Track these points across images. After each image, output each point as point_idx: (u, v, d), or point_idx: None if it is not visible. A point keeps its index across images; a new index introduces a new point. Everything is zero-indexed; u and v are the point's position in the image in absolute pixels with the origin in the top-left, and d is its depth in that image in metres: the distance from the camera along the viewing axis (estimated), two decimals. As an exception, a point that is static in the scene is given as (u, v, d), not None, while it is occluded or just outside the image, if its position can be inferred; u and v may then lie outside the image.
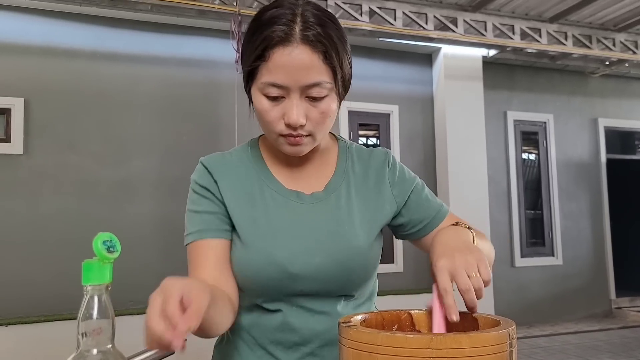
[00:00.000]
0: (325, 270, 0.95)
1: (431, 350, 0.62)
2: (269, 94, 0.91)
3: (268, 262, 0.93)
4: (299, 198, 1.00)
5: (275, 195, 1.00)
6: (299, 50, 0.88)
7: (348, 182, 1.05)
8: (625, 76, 7.23)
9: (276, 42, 0.88)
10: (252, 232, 0.96)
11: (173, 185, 4.79)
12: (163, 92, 5.01)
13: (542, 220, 6.73)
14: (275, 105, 0.91)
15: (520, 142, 6.69)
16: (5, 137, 4.50)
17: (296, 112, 0.90)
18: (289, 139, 0.94)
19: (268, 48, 0.88)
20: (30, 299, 4.37)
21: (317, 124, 0.93)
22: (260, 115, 0.94)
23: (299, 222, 0.98)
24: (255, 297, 0.98)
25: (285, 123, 0.91)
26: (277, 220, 0.97)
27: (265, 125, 0.95)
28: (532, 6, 5.32)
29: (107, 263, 0.68)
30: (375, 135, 5.95)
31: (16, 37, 4.61)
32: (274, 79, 0.89)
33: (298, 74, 0.88)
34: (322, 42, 0.89)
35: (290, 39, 0.88)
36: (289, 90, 0.90)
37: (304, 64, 0.88)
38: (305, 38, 0.88)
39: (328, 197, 1.02)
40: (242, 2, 4.48)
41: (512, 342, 0.67)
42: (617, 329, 6.25)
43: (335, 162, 1.07)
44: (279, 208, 0.99)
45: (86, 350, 0.67)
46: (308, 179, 1.03)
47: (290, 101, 0.90)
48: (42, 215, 4.53)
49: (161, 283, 0.67)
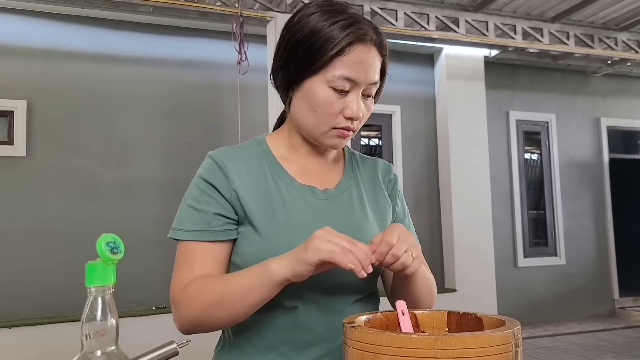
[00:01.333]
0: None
1: (436, 350, 0.62)
2: (339, 87, 0.95)
3: None
4: (313, 193, 1.02)
5: (291, 189, 1.01)
6: (373, 51, 0.97)
7: (357, 183, 1.09)
8: (627, 75, 7.22)
9: (358, 40, 0.95)
10: (271, 225, 0.96)
11: (176, 186, 4.79)
12: (165, 94, 5.01)
13: (545, 220, 6.72)
14: (340, 98, 0.96)
15: (522, 142, 6.68)
16: (8, 140, 4.51)
17: (360, 106, 0.98)
18: (342, 131, 0.99)
19: (352, 43, 0.94)
20: (33, 301, 4.37)
21: (362, 121, 1.01)
22: (322, 106, 0.97)
23: (318, 217, 0.99)
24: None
25: (346, 116, 0.97)
26: (295, 213, 0.98)
27: (322, 117, 0.97)
28: (534, 6, 5.31)
29: (111, 264, 0.68)
30: (378, 136, 5.94)
31: (19, 40, 4.62)
32: (350, 73, 0.95)
33: (369, 72, 0.97)
34: (384, 48, 1.01)
35: (367, 39, 0.96)
36: (356, 86, 0.96)
37: (374, 64, 0.98)
38: (376, 42, 0.98)
39: (341, 194, 1.05)
40: (243, 4, 4.48)
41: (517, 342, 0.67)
42: (620, 328, 6.24)
43: (343, 163, 1.11)
44: (296, 202, 0.99)
45: (90, 352, 0.67)
46: (319, 177, 1.06)
47: (354, 96, 0.97)
48: (45, 218, 4.54)
49: (321, 233, 0.84)
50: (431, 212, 5.93)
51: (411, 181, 5.88)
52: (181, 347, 0.80)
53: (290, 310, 0.96)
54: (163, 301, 4.52)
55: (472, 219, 5.74)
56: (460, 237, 5.71)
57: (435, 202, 5.96)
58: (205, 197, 0.98)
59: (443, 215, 5.89)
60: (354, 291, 1.00)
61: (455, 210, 5.69)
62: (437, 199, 5.97)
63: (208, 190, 0.98)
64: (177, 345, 0.79)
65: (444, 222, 5.89)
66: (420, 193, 5.90)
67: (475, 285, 5.69)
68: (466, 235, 5.71)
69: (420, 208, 5.83)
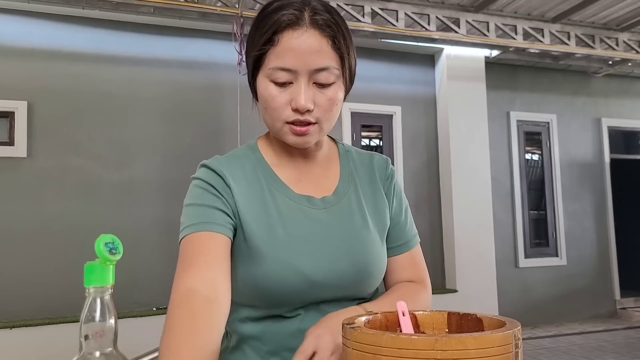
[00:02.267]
0: (347, 276, 0.94)
1: (436, 351, 0.61)
2: (277, 79, 0.89)
3: (292, 272, 0.90)
4: (310, 203, 0.98)
5: (287, 201, 0.96)
6: (309, 34, 0.88)
7: (355, 187, 1.04)
8: (628, 76, 7.21)
9: (285, 26, 0.87)
10: (271, 242, 0.92)
11: (176, 187, 4.79)
12: (166, 95, 5.01)
13: (546, 220, 6.72)
14: (283, 91, 0.90)
15: (523, 143, 6.67)
16: (8, 140, 4.51)
17: (304, 96, 0.88)
18: (294, 127, 0.91)
19: (277, 32, 0.88)
20: (34, 302, 4.37)
21: (324, 112, 0.91)
22: (267, 102, 0.91)
23: (317, 229, 0.95)
24: (274, 307, 0.93)
25: (292, 108, 0.89)
26: (294, 227, 0.94)
27: (271, 112, 0.92)
28: (535, 6, 5.31)
29: (110, 265, 0.68)
30: (378, 136, 5.94)
31: (19, 41, 4.62)
32: (283, 63, 0.88)
33: (307, 58, 0.87)
34: (331, 27, 0.89)
35: (300, 22, 0.88)
36: (297, 75, 0.88)
37: (313, 48, 0.87)
38: (314, 22, 0.88)
39: (339, 201, 1.00)
40: (244, 4, 4.48)
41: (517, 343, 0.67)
42: (621, 329, 6.23)
43: (338, 166, 1.06)
44: (294, 214, 0.95)
45: (89, 353, 0.66)
46: (315, 183, 1.01)
47: (298, 86, 0.89)
48: (46, 218, 4.54)
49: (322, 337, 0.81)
50: (432, 213, 5.92)
51: (412, 182, 5.88)
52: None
53: (294, 317, 0.94)
54: (163, 302, 4.51)
55: (473, 220, 5.74)
56: (461, 238, 5.70)
57: (436, 202, 5.96)
58: (207, 194, 0.93)
59: (444, 215, 5.89)
60: (356, 295, 0.98)
61: (456, 210, 5.69)
62: (437, 199, 5.96)
63: (211, 190, 0.94)
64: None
65: (444, 223, 5.88)
66: (420, 193, 5.90)
67: (476, 286, 5.69)
68: (467, 236, 5.71)
69: (421, 208, 5.82)
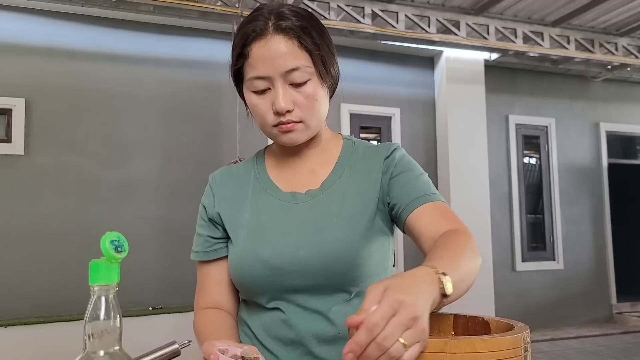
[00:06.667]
0: (311, 263, 0.95)
1: (445, 354, 0.61)
2: (256, 88, 0.96)
3: (254, 259, 0.97)
4: (294, 198, 1.03)
5: (271, 199, 1.03)
6: (274, 40, 0.93)
7: (346, 177, 1.03)
8: (627, 81, 7.23)
9: (252, 38, 0.94)
10: (243, 235, 1.01)
11: (174, 187, 4.78)
12: (165, 94, 5.00)
13: (543, 224, 6.72)
14: (264, 98, 0.96)
15: (521, 146, 6.68)
16: (6, 138, 4.49)
17: (282, 98, 0.94)
18: (281, 127, 0.97)
19: (246, 45, 0.95)
20: (29, 300, 4.35)
21: (305, 109, 0.96)
22: (253, 111, 0.99)
23: (288, 220, 1.00)
24: (254, 295, 1.01)
25: (273, 111, 0.95)
26: (267, 221, 1.01)
27: (259, 120, 0.99)
28: (535, 10, 5.32)
29: (115, 263, 0.67)
30: (377, 138, 5.94)
31: (18, 38, 4.60)
32: (257, 72, 0.94)
33: (276, 62, 0.93)
34: (294, 28, 0.94)
35: (264, 32, 0.94)
36: (272, 80, 0.94)
37: (280, 52, 0.93)
38: (277, 27, 0.94)
39: (322, 193, 1.02)
40: (244, 4, 4.47)
41: (526, 346, 0.66)
42: (618, 334, 6.23)
43: (336, 160, 1.07)
44: (273, 210, 1.02)
45: (93, 352, 0.66)
46: (306, 178, 1.05)
47: (275, 90, 0.95)
48: (43, 216, 4.51)
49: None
50: (430, 215, 5.91)
51: (410, 184, 5.87)
52: (183, 348, 0.80)
53: (274, 310, 0.99)
54: (160, 302, 4.49)
55: (470, 223, 5.64)
56: (458, 241, 5.69)
57: (434, 205, 5.94)
58: (201, 221, 1.08)
59: (442, 218, 5.87)
60: (334, 291, 0.97)
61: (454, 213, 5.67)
62: (435, 202, 5.95)
63: (202, 214, 1.08)
64: (179, 345, 0.79)
65: (442, 225, 5.87)
66: (419, 196, 5.88)
67: (473, 289, 5.65)
68: (465, 239, 5.70)
69: (419, 211, 5.81)
